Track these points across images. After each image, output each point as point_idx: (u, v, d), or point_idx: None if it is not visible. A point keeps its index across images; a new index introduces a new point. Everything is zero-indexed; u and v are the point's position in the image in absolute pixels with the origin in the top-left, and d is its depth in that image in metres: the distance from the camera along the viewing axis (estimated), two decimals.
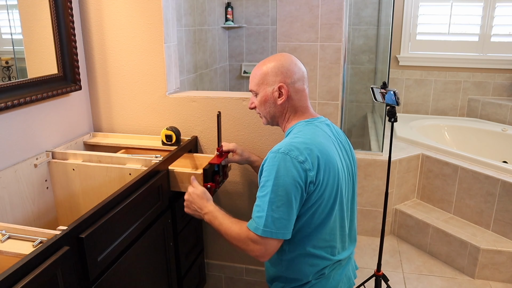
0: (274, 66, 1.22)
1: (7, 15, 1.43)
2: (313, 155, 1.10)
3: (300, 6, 2.29)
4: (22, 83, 1.44)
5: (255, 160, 1.62)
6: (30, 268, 0.88)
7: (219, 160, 1.51)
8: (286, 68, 1.21)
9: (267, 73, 1.22)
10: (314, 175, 1.09)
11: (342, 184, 1.17)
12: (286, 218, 1.09)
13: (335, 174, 1.13)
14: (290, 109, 1.25)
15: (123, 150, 1.76)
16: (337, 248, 1.21)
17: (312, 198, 1.11)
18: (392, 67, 3.61)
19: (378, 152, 2.68)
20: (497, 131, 3.23)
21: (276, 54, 1.27)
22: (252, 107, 1.31)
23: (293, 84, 1.22)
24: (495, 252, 2.23)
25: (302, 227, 1.15)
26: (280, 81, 1.21)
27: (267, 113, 1.27)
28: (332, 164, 1.13)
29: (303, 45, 2.36)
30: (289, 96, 1.22)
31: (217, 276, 2.04)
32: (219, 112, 1.49)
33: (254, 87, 1.26)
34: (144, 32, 1.76)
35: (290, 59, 1.24)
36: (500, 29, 3.38)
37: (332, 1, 2.24)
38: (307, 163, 1.09)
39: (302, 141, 1.13)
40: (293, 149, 1.10)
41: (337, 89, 2.40)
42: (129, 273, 1.29)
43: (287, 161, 1.08)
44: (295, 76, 1.22)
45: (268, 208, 1.08)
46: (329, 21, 2.28)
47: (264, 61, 1.26)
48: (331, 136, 1.22)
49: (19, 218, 1.44)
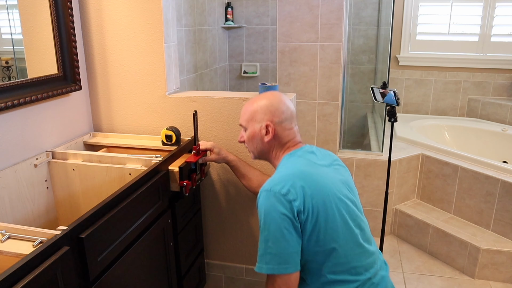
0: (264, 105, 1.28)
1: (7, 15, 1.43)
2: (295, 185, 1.12)
3: (300, 6, 2.29)
4: (22, 83, 1.44)
5: (232, 160, 1.66)
6: (30, 268, 0.88)
7: (195, 158, 1.55)
8: (275, 107, 1.27)
9: (256, 110, 1.29)
10: (301, 204, 1.10)
11: (340, 206, 1.15)
12: (285, 252, 1.10)
13: (327, 199, 1.13)
14: (277, 146, 1.30)
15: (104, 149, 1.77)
16: (360, 266, 1.18)
17: (308, 227, 1.12)
18: (392, 67, 3.61)
19: (378, 152, 2.68)
20: (497, 131, 3.23)
21: (267, 92, 1.34)
22: (241, 141, 1.38)
23: (280, 123, 1.27)
24: (495, 252, 2.24)
25: (313, 256, 1.15)
26: (268, 120, 1.27)
27: (254, 149, 1.34)
28: (321, 189, 1.13)
29: (303, 45, 2.36)
30: (276, 134, 1.27)
31: (217, 276, 2.04)
32: (195, 111, 1.52)
33: (244, 123, 1.33)
34: (144, 32, 1.76)
35: (279, 98, 1.30)
36: (500, 29, 3.38)
37: (332, 1, 2.25)
38: (291, 194, 1.10)
39: (284, 173, 1.17)
40: (274, 185, 1.13)
41: (337, 89, 2.40)
42: (129, 273, 1.29)
43: (271, 196, 1.12)
44: (283, 115, 1.27)
45: (265, 245, 1.11)
46: (329, 21, 2.28)
47: (255, 98, 1.33)
48: (316, 162, 1.24)
49: (19, 218, 1.44)
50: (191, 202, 1.77)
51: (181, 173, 1.49)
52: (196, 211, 1.83)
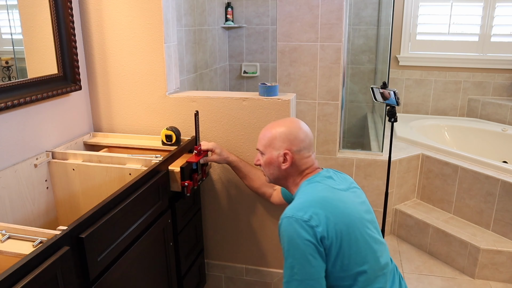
0: (282, 132, 1.27)
1: (7, 15, 1.43)
2: (317, 211, 1.12)
3: (300, 6, 2.29)
4: (22, 83, 1.44)
5: (233, 160, 1.66)
6: (30, 268, 0.88)
7: (197, 158, 1.55)
8: (294, 135, 1.27)
9: (275, 137, 1.28)
10: (324, 230, 1.10)
11: (361, 229, 1.16)
12: (310, 278, 1.09)
13: (349, 223, 1.13)
14: (294, 173, 1.30)
15: (105, 149, 1.77)
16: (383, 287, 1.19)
17: (332, 253, 1.12)
18: (392, 67, 3.61)
19: (378, 152, 2.68)
20: (497, 131, 3.23)
21: (286, 119, 1.33)
22: (257, 164, 1.37)
23: (298, 152, 1.27)
24: (495, 252, 2.23)
25: (339, 281, 1.15)
26: (286, 148, 1.26)
27: (270, 174, 1.33)
28: (342, 214, 1.14)
29: (303, 45, 2.36)
30: (293, 162, 1.27)
31: (217, 276, 2.04)
32: (196, 111, 1.52)
33: (261, 148, 1.32)
34: (144, 32, 1.76)
35: (298, 126, 1.29)
36: (500, 29, 3.38)
37: (332, 1, 2.24)
38: (313, 220, 1.10)
39: (304, 200, 1.17)
40: (296, 211, 1.13)
41: (337, 89, 2.40)
42: (129, 273, 1.29)
43: (293, 223, 1.11)
44: (301, 144, 1.27)
45: (290, 272, 1.10)
46: (329, 21, 2.28)
47: (274, 123, 1.32)
48: (335, 187, 1.24)
49: (19, 218, 1.44)
50: (191, 202, 1.77)
51: (183, 173, 1.49)
52: (196, 211, 1.83)
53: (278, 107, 1.72)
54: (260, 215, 1.89)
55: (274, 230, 1.90)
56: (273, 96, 1.73)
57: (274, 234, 1.91)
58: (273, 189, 1.69)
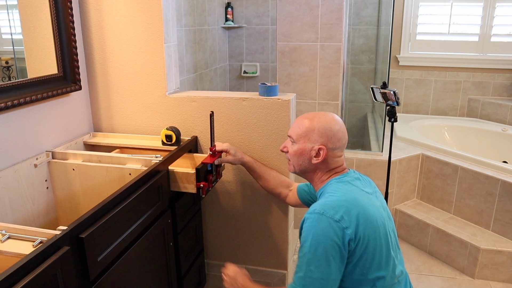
0: (321, 127, 1.22)
1: (7, 15, 1.43)
2: (349, 212, 1.10)
3: (300, 6, 2.29)
4: (22, 83, 1.44)
5: (248, 161, 1.64)
6: (30, 268, 0.88)
7: (212, 159, 1.53)
8: (333, 133, 1.22)
9: (312, 129, 1.23)
10: (353, 232, 1.09)
11: (385, 235, 1.15)
12: (325, 278, 1.08)
13: (375, 227, 1.13)
14: (323, 170, 1.26)
15: (118, 150, 1.77)
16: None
17: (356, 255, 1.11)
18: (392, 67, 3.61)
19: (378, 152, 2.68)
20: (497, 131, 3.23)
21: (327, 113, 1.27)
22: (284, 151, 1.33)
23: (332, 150, 1.23)
24: (495, 252, 2.23)
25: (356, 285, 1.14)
26: (322, 143, 1.22)
27: (298, 165, 1.29)
28: (370, 218, 1.12)
29: (303, 45, 2.36)
30: (325, 159, 1.24)
31: (217, 276, 2.04)
32: (212, 112, 1.50)
33: (295, 136, 1.27)
34: (144, 32, 1.76)
35: (339, 124, 1.25)
36: (500, 29, 3.38)
37: (332, 1, 2.25)
38: (344, 221, 1.09)
39: (337, 199, 1.14)
40: (328, 209, 1.10)
41: (337, 89, 2.40)
42: (129, 273, 1.29)
43: (323, 221, 1.09)
44: (338, 143, 1.23)
45: (306, 268, 1.09)
46: (329, 21, 2.28)
47: (314, 114, 1.26)
48: (363, 189, 1.23)
49: (19, 218, 1.44)
50: (191, 202, 1.77)
51: (198, 174, 1.48)
52: (196, 211, 1.83)
53: (278, 107, 1.72)
54: (261, 215, 1.89)
55: (274, 230, 1.90)
56: (273, 96, 1.73)
57: (274, 234, 1.91)
58: (289, 190, 1.66)
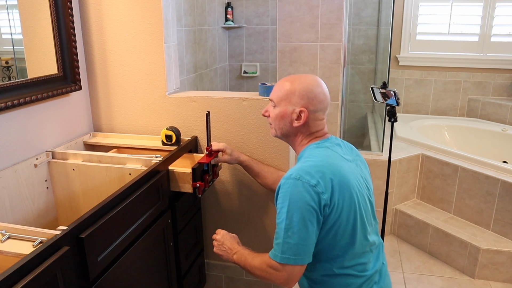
0: (302, 88, 1.20)
1: (7, 15, 1.43)
2: (325, 177, 1.10)
3: (300, 6, 2.29)
4: (22, 83, 1.44)
5: (245, 160, 1.63)
6: (30, 268, 0.88)
7: (208, 159, 1.53)
8: (314, 94, 1.20)
9: (293, 92, 1.21)
10: (328, 197, 1.09)
11: (360, 203, 1.15)
12: (304, 244, 1.08)
13: (351, 194, 1.12)
14: (304, 133, 1.25)
15: (114, 150, 1.77)
16: (366, 263, 1.19)
17: (330, 221, 1.11)
18: (392, 67, 3.61)
19: (378, 152, 2.68)
20: (497, 131, 3.23)
21: (308, 75, 1.25)
22: (266, 115, 1.31)
23: (314, 112, 1.21)
24: (495, 252, 2.23)
25: (326, 250, 1.14)
26: (303, 106, 1.20)
27: (279, 129, 1.27)
28: (347, 184, 1.12)
29: (303, 45, 2.36)
30: (307, 122, 1.22)
31: (217, 276, 2.04)
32: (208, 112, 1.50)
33: (276, 99, 1.25)
34: (144, 32, 1.76)
35: (320, 85, 1.22)
36: (500, 29, 3.38)
37: (332, 1, 2.24)
38: (320, 186, 1.08)
39: (313, 164, 1.13)
40: (304, 174, 1.10)
41: (337, 89, 2.40)
42: (129, 273, 1.29)
43: (299, 186, 1.08)
44: (319, 105, 1.21)
45: (284, 234, 1.09)
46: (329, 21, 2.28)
47: (294, 77, 1.24)
48: (343, 155, 1.22)
49: (19, 218, 1.44)
50: (191, 202, 1.77)
51: (194, 174, 1.48)
52: (196, 211, 1.83)
53: None
54: (260, 214, 1.89)
55: (274, 230, 1.90)
56: None
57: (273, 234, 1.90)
58: None
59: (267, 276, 1.14)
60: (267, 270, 1.13)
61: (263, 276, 1.15)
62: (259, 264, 1.16)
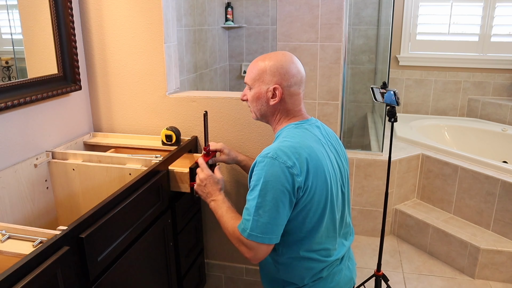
0: (273, 65, 1.19)
1: (7, 15, 1.43)
2: (301, 159, 1.09)
3: (300, 6, 2.29)
4: (22, 83, 1.44)
5: (243, 160, 1.63)
6: (30, 268, 0.88)
7: (206, 159, 1.53)
8: (285, 70, 1.19)
9: (264, 70, 1.19)
10: (303, 180, 1.08)
11: (332, 188, 1.15)
12: (273, 223, 1.08)
13: (324, 178, 1.12)
14: (281, 111, 1.24)
15: (112, 150, 1.77)
16: (331, 249, 1.20)
17: (301, 203, 1.11)
18: (392, 67, 3.61)
19: (378, 152, 2.68)
20: (497, 131, 3.23)
21: (278, 52, 1.23)
22: (244, 99, 1.30)
23: (288, 88, 1.20)
24: (495, 252, 2.24)
25: (294, 231, 1.15)
26: (276, 82, 1.19)
27: (257, 110, 1.26)
28: (321, 168, 1.12)
29: (303, 45, 2.36)
30: (283, 98, 1.21)
31: (217, 276, 2.04)
32: (205, 112, 1.50)
33: (249, 81, 1.24)
34: (144, 32, 1.76)
35: (291, 60, 1.21)
36: (500, 29, 3.38)
37: (332, 1, 2.24)
38: (295, 168, 1.08)
39: (291, 145, 1.12)
40: (281, 154, 1.09)
41: (337, 89, 2.40)
42: (129, 273, 1.29)
43: (275, 166, 1.07)
44: (292, 79, 1.20)
45: (255, 212, 1.08)
46: (329, 21, 2.28)
47: (264, 56, 1.23)
48: (321, 138, 1.21)
49: (19, 218, 1.44)
50: (191, 202, 1.77)
51: (192, 174, 1.48)
52: (196, 211, 1.83)
53: None
54: None
55: None
56: None
57: None
58: None
59: (235, 244, 1.14)
60: (236, 241, 1.14)
61: (232, 242, 1.16)
62: (232, 229, 1.15)
